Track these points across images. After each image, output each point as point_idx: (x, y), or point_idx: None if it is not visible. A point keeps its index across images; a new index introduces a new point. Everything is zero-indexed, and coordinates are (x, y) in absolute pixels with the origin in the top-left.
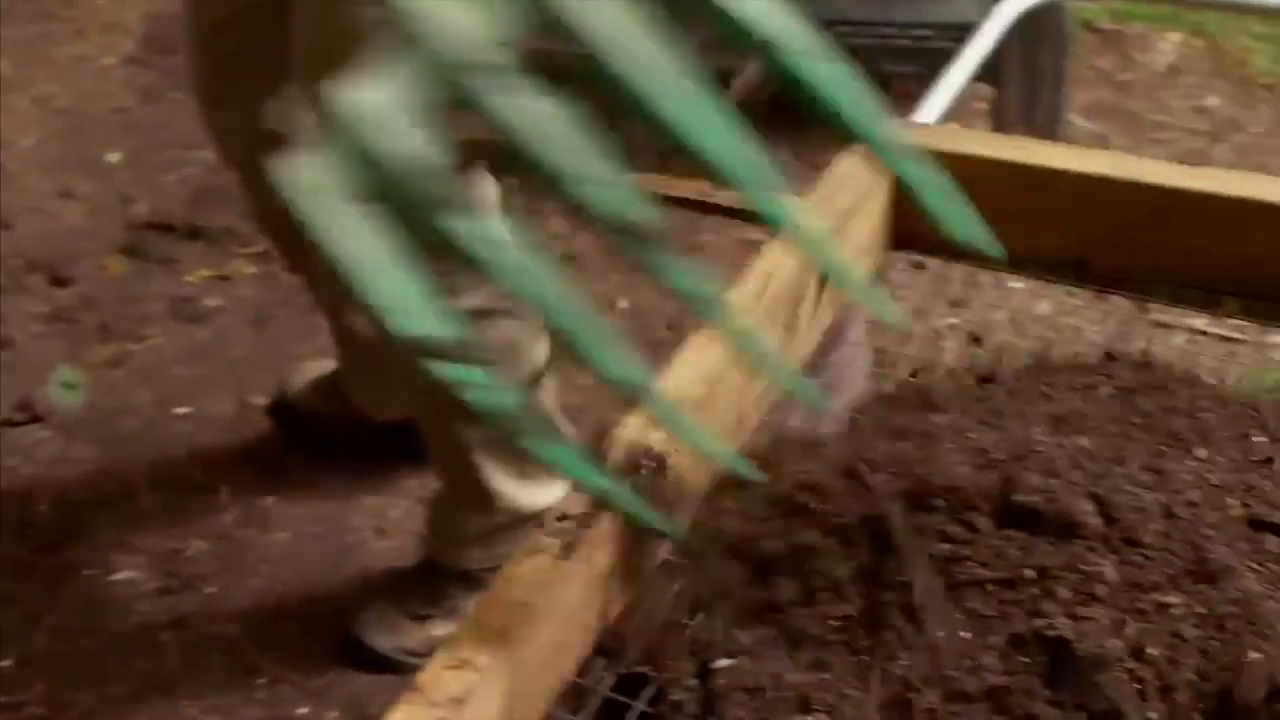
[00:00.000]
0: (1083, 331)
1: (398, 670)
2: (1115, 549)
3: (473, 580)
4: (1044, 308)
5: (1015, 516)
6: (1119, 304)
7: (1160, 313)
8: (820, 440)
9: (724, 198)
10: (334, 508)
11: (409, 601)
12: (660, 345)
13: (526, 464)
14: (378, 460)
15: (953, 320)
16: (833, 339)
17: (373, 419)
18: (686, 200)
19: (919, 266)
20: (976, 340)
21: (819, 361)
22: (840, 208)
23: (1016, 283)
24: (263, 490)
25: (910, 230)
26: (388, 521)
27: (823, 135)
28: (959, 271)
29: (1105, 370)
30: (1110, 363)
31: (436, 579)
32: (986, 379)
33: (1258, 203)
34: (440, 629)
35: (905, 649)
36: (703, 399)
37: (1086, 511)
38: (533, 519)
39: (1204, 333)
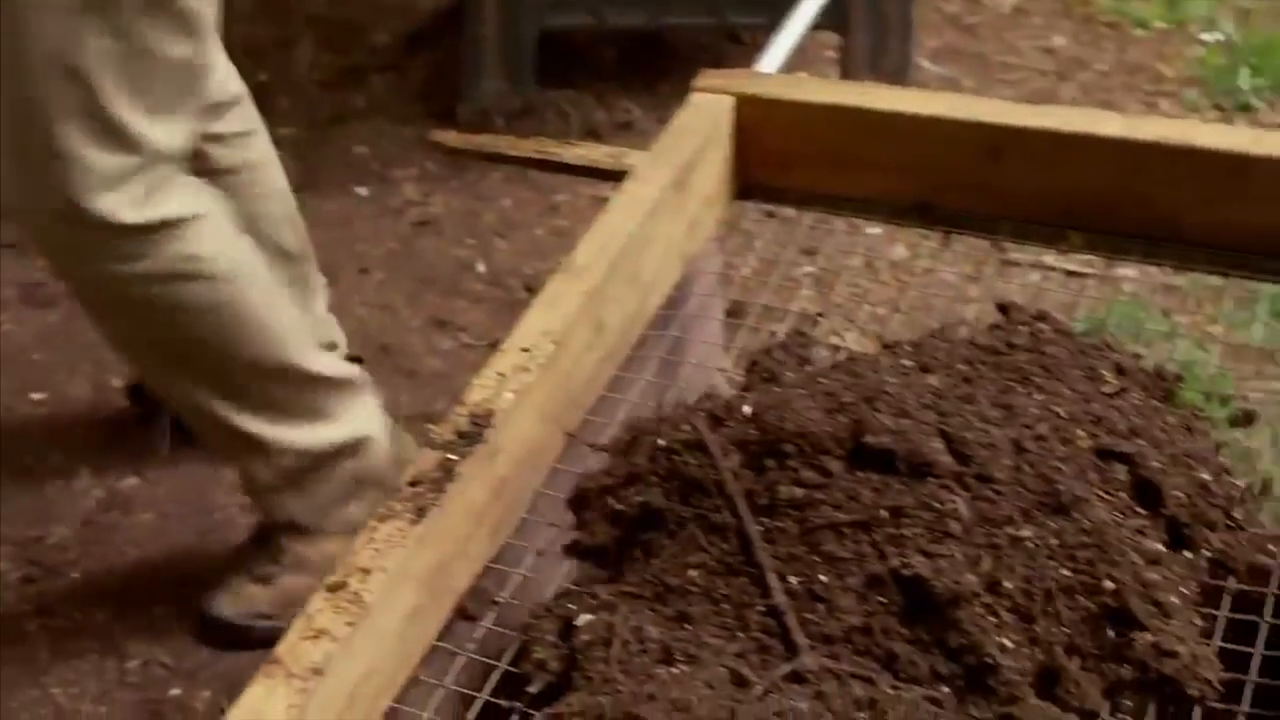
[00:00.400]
0: (937, 274)
1: (258, 638)
2: (967, 486)
3: (303, 529)
4: (899, 251)
5: (867, 459)
6: (974, 244)
7: (1015, 251)
8: (684, 401)
9: (572, 156)
10: (197, 485)
11: (250, 565)
12: (518, 306)
13: (275, 403)
14: None
15: (808, 268)
16: (682, 292)
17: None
18: (537, 160)
19: (772, 216)
20: (830, 287)
21: (669, 314)
22: (682, 160)
23: (872, 228)
24: (124, 472)
25: (754, 180)
26: None
27: (671, 90)
28: (812, 220)
29: (956, 312)
30: (962, 304)
31: (269, 535)
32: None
33: (1094, 137)
34: (290, 582)
35: (763, 597)
36: (552, 355)
37: (937, 450)
38: (332, 456)
39: (1056, 269)
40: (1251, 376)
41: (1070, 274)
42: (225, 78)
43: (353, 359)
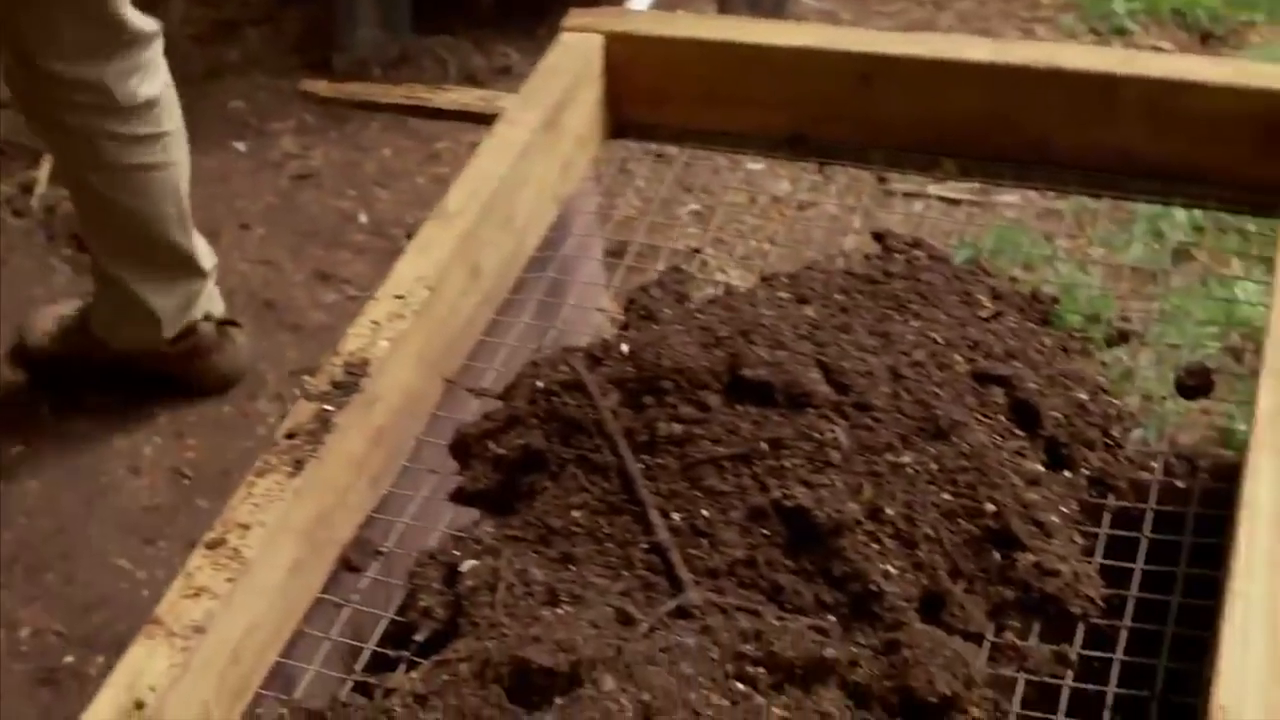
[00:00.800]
0: (822, 206)
1: None
2: (846, 415)
3: None
4: (782, 186)
5: (745, 392)
6: (856, 176)
7: (898, 182)
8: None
9: (444, 101)
10: (85, 451)
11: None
12: (400, 255)
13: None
14: (126, 399)
15: (691, 205)
16: (559, 233)
17: (113, 352)
18: (408, 107)
19: (658, 156)
20: (712, 223)
21: (547, 256)
22: (552, 100)
23: (753, 163)
24: (10, 440)
25: (627, 118)
26: (141, 459)
27: (549, 34)
28: (694, 157)
29: (839, 244)
30: (845, 235)
31: None
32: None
33: (962, 63)
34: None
35: (646, 534)
36: (427, 302)
37: (815, 380)
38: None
39: (939, 198)
40: (1131, 296)
41: (952, 202)
42: None
43: (227, 323)
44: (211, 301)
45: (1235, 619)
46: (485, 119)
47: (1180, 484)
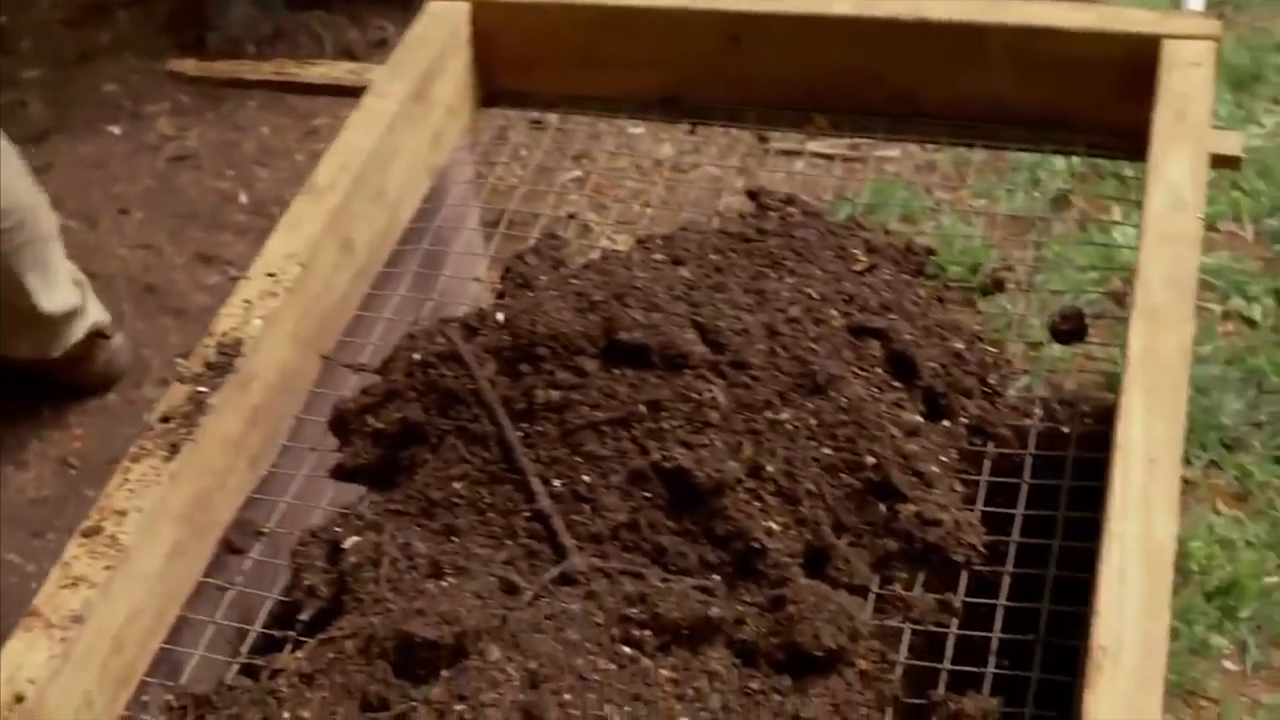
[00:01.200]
0: (703, 168)
1: None
2: (723, 374)
3: None
4: (664, 150)
5: (622, 355)
6: (738, 137)
7: (780, 141)
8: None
9: (314, 75)
10: None
11: None
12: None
13: None
14: (8, 393)
15: (574, 172)
16: (434, 204)
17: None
18: (278, 83)
19: (538, 124)
20: (595, 189)
21: (422, 227)
22: (419, 71)
23: (635, 128)
24: None
25: (498, 86)
26: (26, 452)
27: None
28: (579, 124)
29: (714, 205)
30: (727, 196)
31: None
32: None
33: (828, 18)
34: None
35: (528, 502)
36: (299, 278)
37: (691, 341)
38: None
39: (821, 155)
40: (1012, 245)
41: (832, 158)
42: None
43: (97, 335)
44: (93, 314)
45: (1112, 559)
46: (357, 92)
47: (1063, 429)
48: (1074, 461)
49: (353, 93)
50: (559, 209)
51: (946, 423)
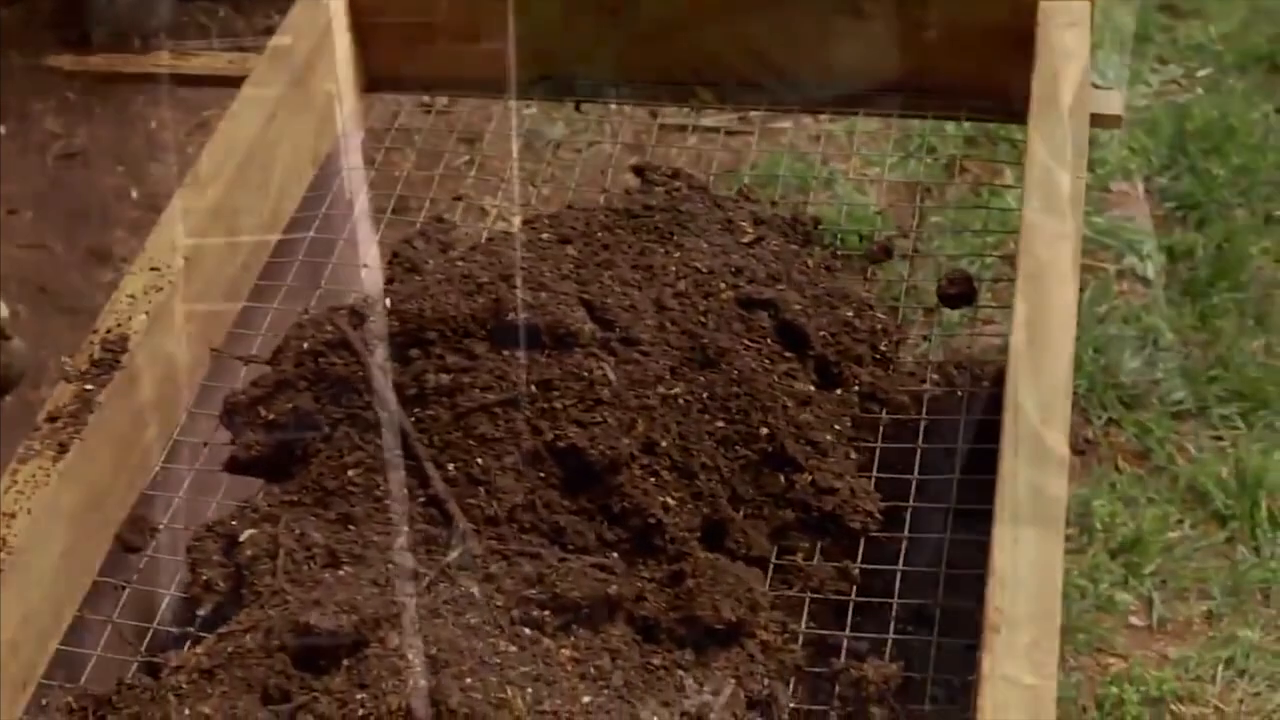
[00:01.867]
0: (598, 147)
1: None
2: (613, 351)
3: None
4: (558, 130)
5: (511, 336)
6: (632, 115)
7: (675, 117)
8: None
9: (194, 67)
10: None
11: None
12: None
13: None
14: None
15: (466, 156)
16: (320, 192)
17: None
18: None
19: (428, 109)
20: (488, 171)
21: (308, 216)
22: (299, 59)
23: (528, 109)
24: None
25: (381, 71)
26: None
27: None
28: (472, 107)
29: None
30: (611, 174)
31: None
32: None
33: None
34: None
35: (423, 487)
36: (184, 271)
37: (579, 319)
38: None
39: (712, 129)
40: (907, 212)
41: (727, 132)
42: None
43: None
44: None
45: (1004, 519)
46: (239, 82)
47: (958, 393)
48: (968, 424)
49: (235, 83)
50: (449, 192)
51: (839, 391)
